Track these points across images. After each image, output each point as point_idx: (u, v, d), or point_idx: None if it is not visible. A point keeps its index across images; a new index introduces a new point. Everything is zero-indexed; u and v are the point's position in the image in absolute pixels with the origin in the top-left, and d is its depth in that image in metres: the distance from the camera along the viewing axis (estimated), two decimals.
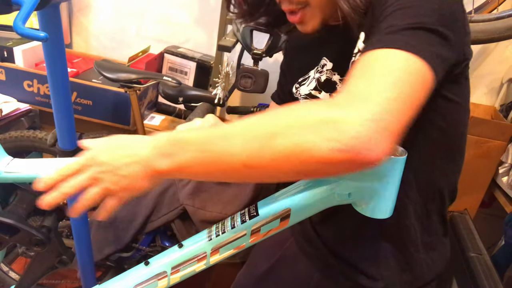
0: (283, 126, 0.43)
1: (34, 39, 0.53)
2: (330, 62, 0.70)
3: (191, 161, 0.48)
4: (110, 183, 0.51)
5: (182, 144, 0.49)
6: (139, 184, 0.51)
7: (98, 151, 0.52)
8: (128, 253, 1.34)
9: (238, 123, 0.47)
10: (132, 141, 0.53)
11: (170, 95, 1.43)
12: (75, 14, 1.98)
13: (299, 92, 0.77)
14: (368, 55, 0.48)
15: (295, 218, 0.59)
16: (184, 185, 1.26)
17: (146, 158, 0.50)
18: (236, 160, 0.45)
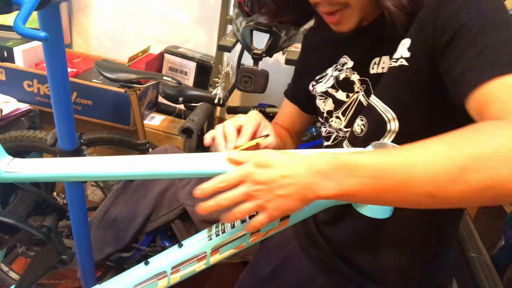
0: (474, 157, 0.41)
1: (35, 39, 0.53)
2: (351, 61, 0.70)
3: (363, 188, 0.46)
4: (265, 201, 0.50)
5: (353, 169, 0.47)
6: (294, 206, 0.50)
7: (254, 169, 0.51)
8: (128, 253, 1.34)
9: (417, 149, 0.45)
10: (286, 159, 0.51)
11: (170, 95, 1.43)
12: (75, 14, 1.98)
13: (315, 89, 0.76)
14: (505, 81, 0.47)
15: (295, 217, 0.59)
16: (184, 185, 1.26)
17: (306, 182, 0.48)
18: (419, 190, 0.43)
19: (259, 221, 0.51)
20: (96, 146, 1.62)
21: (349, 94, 0.70)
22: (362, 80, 0.68)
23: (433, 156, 0.43)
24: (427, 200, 0.43)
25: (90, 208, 1.45)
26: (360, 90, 0.68)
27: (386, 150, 0.48)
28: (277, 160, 0.50)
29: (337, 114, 0.73)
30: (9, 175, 0.67)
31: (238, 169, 0.52)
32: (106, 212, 1.29)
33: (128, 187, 1.29)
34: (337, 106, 0.72)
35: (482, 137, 0.42)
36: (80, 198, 0.98)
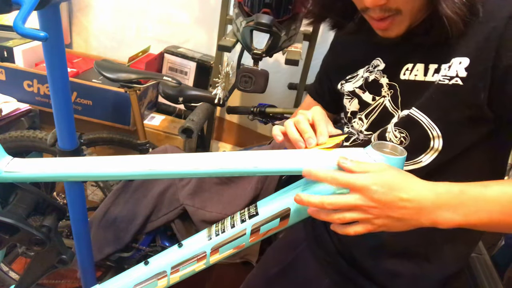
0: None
1: (34, 38, 0.53)
2: (383, 63, 0.69)
3: (484, 219, 0.52)
4: (374, 217, 0.52)
5: (481, 205, 0.52)
6: (402, 228, 0.53)
7: (374, 186, 0.51)
8: (128, 253, 1.34)
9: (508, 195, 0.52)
10: (409, 183, 0.53)
11: (170, 95, 1.43)
12: (75, 14, 1.98)
13: (343, 88, 0.76)
14: None
15: (295, 217, 0.59)
16: (184, 185, 1.26)
17: (428, 211, 0.51)
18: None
19: (355, 230, 0.53)
20: (96, 146, 1.62)
21: (375, 97, 0.69)
22: (390, 84, 0.67)
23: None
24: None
25: (90, 208, 1.45)
26: (387, 94, 0.67)
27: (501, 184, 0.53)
28: (400, 182, 0.52)
29: (360, 116, 0.72)
30: (9, 175, 0.67)
31: (358, 188, 0.52)
32: (106, 212, 1.29)
33: (128, 187, 1.29)
34: (362, 108, 0.72)
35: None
36: (80, 198, 0.98)
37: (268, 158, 0.57)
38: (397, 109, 0.65)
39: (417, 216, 0.51)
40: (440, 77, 0.59)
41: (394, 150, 0.57)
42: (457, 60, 0.57)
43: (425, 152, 0.62)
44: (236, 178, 1.26)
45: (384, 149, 0.57)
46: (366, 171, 0.52)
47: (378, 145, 0.57)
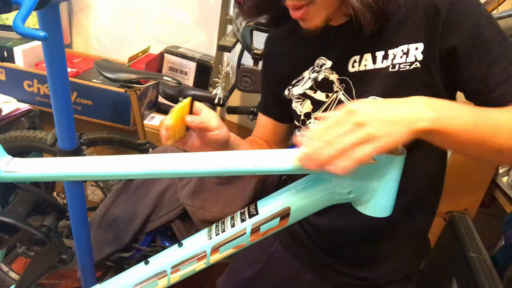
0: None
1: (34, 38, 0.53)
2: (329, 61, 0.70)
3: (462, 129, 0.50)
4: (374, 127, 0.46)
5: (460, 111, 0.51)
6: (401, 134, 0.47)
7: (356, 109, 0.48)
8: (128, 253, 1.34)
9: (506, 113, 0.53)
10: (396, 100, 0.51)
11: (170, 95, 1.43)
12: (75, 14, 1.98)
13: (291, 93, 0.76)
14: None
15: (295, 216, 0.59)
16: (184, 185, 1.26)
17: (415, 117, 0.48)
18: (496, 144, 0.51)
19: (365, 152, 0.46)
20: (96, 146, 1.62)
21: (328, 94, 0.71)
22: (341, 79, 0.69)
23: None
24: (495, 155, 0.52)
25: (90, 208, 1.45)
26: (340, 89, 0.69)
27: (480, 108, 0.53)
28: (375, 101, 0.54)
29: (316, 115, 0.73)
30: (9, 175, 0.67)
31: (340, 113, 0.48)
32: (106, 212, 1.29)
33: (128, 187, 1.29)
34: (316, 107, 0.73)
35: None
36: (80, 198, 0.98)
37: (268, 157, 0.57)
38: (353, 100, 0.67)
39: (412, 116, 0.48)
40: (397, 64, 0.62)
41: (394, 149, 0.57)
42: (413, 46, 0.61)
43: None
44: (236, 178, 1.26)
45: None
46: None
47: None
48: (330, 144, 0.46)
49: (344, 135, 0.47)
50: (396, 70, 0.63)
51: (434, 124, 0.48)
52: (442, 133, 0.49)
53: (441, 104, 0.50)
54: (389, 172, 0.54)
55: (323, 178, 0.58)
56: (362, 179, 0.55)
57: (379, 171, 0.54)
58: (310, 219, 0.78)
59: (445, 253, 1.53)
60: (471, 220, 1.53)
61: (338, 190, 0.56)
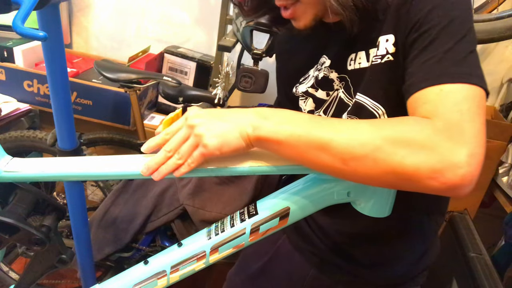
0: (390, 142, 0.46)
1: (34, 38, 0.53)
2: (328, 60, 0.70)
3: (293, 137, 0.50)
4: (203, 128, 0.52)
5: (291, 119, 0.52)
6: (231, 137, 0.52)
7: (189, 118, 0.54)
8: (128, 253, 1.34)
9: (348, 122, 0.51)
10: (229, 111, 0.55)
11: (170, 95, 1.43)
12: (75, 14, 1.98)
13: (297, 90, 0.77)
14: (439, 89, 0.50)
15: (294, 216, 0.59)
16: (184, 185, 1.26)
17: (244, 120, 0.52)
18: (336, 154, 0.48)
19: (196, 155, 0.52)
20: (96, 146, 1.62)
21: (329, 93, 0.71)
22: (340, 77, 0.69)
23: (356, 130, 0.48)
24: (341, 167, 0.48)
25: (90, 208, 1.45)
26: (340, 87, 0.69)
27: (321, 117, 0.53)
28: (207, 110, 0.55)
29: (318, 113, 0.73)
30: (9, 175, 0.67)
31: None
32: (106, 212, 1.29)
33: (128, 187, 1.29)
34: (318, 105, 0.73)
35: (402, 127, 0.47)
36: (80, 198, 0.98)
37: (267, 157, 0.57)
38: (352, 98, 0.67)
39: (238, 128, 0.52)
40: (375, 58, 0.61)
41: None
42: (384, 38, 0.60)
43: None
44: (236, 178, 1.26)
45: None
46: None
47: None
48: (168, 152, 0.54)
49: (178, 140, 0.53)
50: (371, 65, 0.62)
51: (255, 131, 0.51)
52: (268, 142, 0.51)
53: (275, 114, 0.52)
54: None
55: (322, 178, 0.58)
56: None
57: None
58: (316, 218, 0.78)
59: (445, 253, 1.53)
60: (471, 220, 1.53)
61: (337, 190, 0.56)
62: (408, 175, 0.45)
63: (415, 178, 0.45)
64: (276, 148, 0.52)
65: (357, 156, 0.47)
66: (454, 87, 0.49)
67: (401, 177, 0.45)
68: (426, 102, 0.50)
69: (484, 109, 0.49)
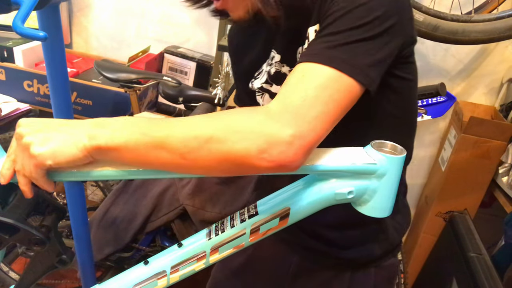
0: (221, 130, 0.48)
1: (34, 38, 0.53)
2: (278, 54, 0.70)
3: (131, 141, 0.49)
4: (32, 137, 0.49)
5: (125, 123, 0.50)
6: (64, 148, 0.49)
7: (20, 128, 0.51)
8: (128, 253, 1.34)
9: (182, 119, 0.51)
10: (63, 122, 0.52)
11: (170, 95, 1.43)
12: (75, 14, 1.98)
13: (253, 86, 0.77)
14: (306, 66, 0.52)
15: (295, 217, 0.59)
16: (184, 185, 1.26)
17: (79, 131, 0.50)
18: (174, 150, 0.48)
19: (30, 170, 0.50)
20: None
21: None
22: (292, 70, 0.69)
23: (192, 124, 0.49)
24: (181, 162, 0.49)
25: (90, 208, 1.45)
26: None
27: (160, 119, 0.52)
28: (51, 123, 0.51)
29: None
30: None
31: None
32: (106, 212, 1.29)
33: (128, 187, 1.29)
34: None
35: (236, 115, 0.50)
36: (80, 198, 0.98)
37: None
38: None
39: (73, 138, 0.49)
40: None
41: (394, 149, 0.57)
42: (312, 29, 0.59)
43: None
44: (236, 178, 1.26)
45: (383, 148, 0.57)
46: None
47: (378, 144, 0.57)
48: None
49: (12, 157, 0.51)
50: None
51: (91, 141, 0.49)
52: (107, 150, 0.49)
53: (113, 122, 0.50)
54: (389, 172, 0.54)
55: (322, 179, 0.58)
56: (362, 179, 0.55)
57: (378, 171, 0.54)
58: None
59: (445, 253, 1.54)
60: (471, 220, 1.53)
61: (337, 191, 0.56)
62: (240, 160, 0.47)
63: (247, 161, 0.47)
64: (116, 156, 0.50)
65: (193, 148, 0.48)
66: (317, 68, 0.51)
67: (235, 163, 0.48)
68: (287, 82, 0.52)
69: (344, 99, 0.51)
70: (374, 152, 0.56)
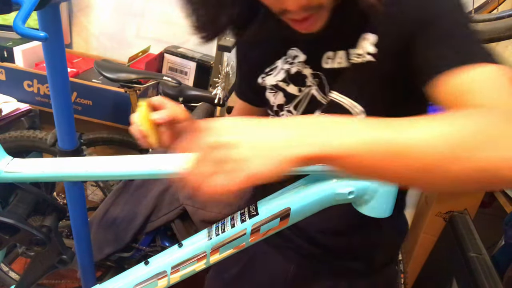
0: (474, 138, 0.39)
1: (34, 39, 0.53)
2: (303, 54, 0.68)
3: (360, 150, 0.40)
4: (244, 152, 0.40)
5: (351, 129, 0.41)
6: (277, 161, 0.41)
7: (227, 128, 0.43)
8: (128, 253, 1.34)
9: (419, 122, 0.41)
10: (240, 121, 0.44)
11: (170, 95, 1.43)
12: (75, 14, 1.98)
13: (265, 82, 0.74)
14: (484, 70, 0.49)
15: (295, 217, 0.59)
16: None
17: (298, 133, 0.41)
18: (421, 161, 0.39)
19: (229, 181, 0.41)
20: (96, 146, 1.62)
21: (301, 88, 0.69)
22: (315, 74, 0.67)
23: (435, 130, 0.40)
24: (421, 175, 0.40)
25: (90, 208, 1.45)
26: (313, 84, 0.67)
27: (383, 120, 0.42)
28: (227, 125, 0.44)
29: (288, 108, 0.71)
30: (9, 175, 0.67)
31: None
32: (106, 212, 1.29)
33: (128, 187, 1.29)
34: (288, 100, 0.71)
35: (486, 119, 0.41)
36: (80, 198, 0.98)
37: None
38: (326, 96, 0.66)
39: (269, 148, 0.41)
40: (353, 57, 0.60)
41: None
42: (365, 38, 0.58)
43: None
44: None
45: None
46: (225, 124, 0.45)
47: None
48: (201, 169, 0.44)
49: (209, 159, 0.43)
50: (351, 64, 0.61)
51: (323, 149, 0.40)
52: (344, 160, 0.40)
53: (340, 124, 0.41)
54: None
55: (323, 179, 0.58)
56: (362, 179, 0.55)
57: None
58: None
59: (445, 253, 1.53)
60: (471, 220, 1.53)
61: (338, 191, 0.56)
62: (500, 172, 0.38)
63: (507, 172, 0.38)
64: (343, 164, 0.41)
65: (443, 160, 0.39)
66: (488, 68, 0.48)
67: (493, 175, 0.39)
68: (481, 88, 0.46)
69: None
70: None
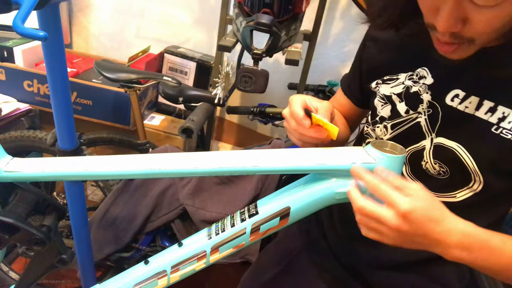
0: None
1: (34, 38, 0.53)
2: (431, 78, 0.63)
3: (486, 268, 0.53)
4: (392, 240, 0.52)
5: (490, 253, 0.52)
6: (411, 246, 0.53)
7: (414, 213, 0.50)
8: (128, 253, 1.34)
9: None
10: (446, 216, 0.52)
11: (170, 95, 1.43)
12: (75, 14, 1.98)
13: (378, 89, 0.70)
14: None
15: (295, 216, 0.59)
16: (184, 185, 1.26)
17: (448, 245, 0.51)
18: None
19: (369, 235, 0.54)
20: (96, 146, 1.62)
21: (409, 110, 0.65)
22: (432, 103, 0.62)
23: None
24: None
25: (90, 208, 1.45)
26: (424, 112, 0.63)
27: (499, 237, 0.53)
28: (438, 214, 0.51)
29: (386, 124, 0.68)
30: (9, 175, 0.67)
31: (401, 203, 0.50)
32: (106, 212, 1.29)
33: (128, 187, 1.29)
34: (392, 116, 0.68)
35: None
36: (80, 198, 0.98)
37: (268, 157, 0.57)
38: (432, 132, 0.62)
39: (433, 247, 0.52)
40: (505, 132, 0.56)
41: (394, 148, 0.57)
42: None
43: (461, 189, 0.62)
44: (236, 178, 1.26)
45: (384, 148, 0.57)
46: (409, 194, 0.50)
47: (378, 144, 0.57)
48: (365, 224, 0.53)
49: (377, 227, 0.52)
50: (498, 133, 0.56)
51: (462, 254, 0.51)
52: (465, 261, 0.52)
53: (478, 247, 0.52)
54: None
55: (323, 178, 0.58)
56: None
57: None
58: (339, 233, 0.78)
59: None
60: None
61: (338, 190, 0.56)
62: None
63: None
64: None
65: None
66: None
67: None
68: None
69: None
70: (374, 151, 0.56)
